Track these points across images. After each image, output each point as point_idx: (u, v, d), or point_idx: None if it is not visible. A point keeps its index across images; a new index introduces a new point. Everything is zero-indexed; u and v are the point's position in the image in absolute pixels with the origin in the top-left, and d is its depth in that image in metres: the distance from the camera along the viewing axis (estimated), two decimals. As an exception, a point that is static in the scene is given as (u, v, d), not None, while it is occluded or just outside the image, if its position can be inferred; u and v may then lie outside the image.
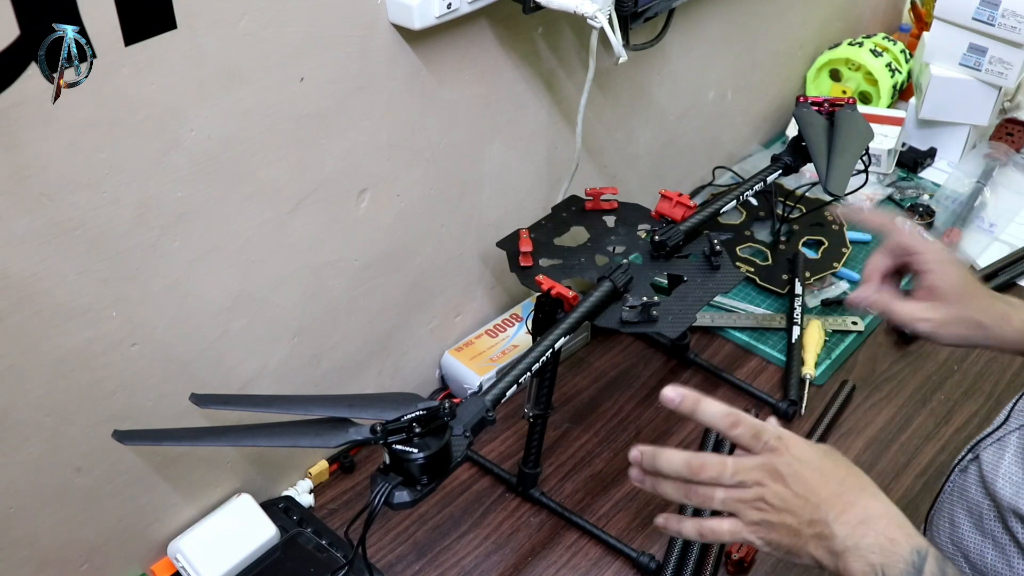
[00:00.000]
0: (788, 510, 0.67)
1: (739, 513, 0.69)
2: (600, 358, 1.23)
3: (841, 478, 0.68)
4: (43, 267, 0.72)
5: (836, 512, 0.66)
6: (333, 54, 0.85)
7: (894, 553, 0.64)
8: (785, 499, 0.67)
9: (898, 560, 0.64)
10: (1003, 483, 0.75)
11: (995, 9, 1.39)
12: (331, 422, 0.73)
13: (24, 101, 0.65)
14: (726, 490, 0.69)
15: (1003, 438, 0.79)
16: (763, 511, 0.68)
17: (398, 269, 1.05)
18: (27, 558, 0.82)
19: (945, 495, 0.85)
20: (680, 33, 1.27)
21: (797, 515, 0.67)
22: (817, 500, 0.67)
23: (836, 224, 1.40)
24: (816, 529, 0.66)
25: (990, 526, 0.77)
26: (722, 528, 0.70)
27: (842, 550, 0.65)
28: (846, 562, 0.65)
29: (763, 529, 0.68)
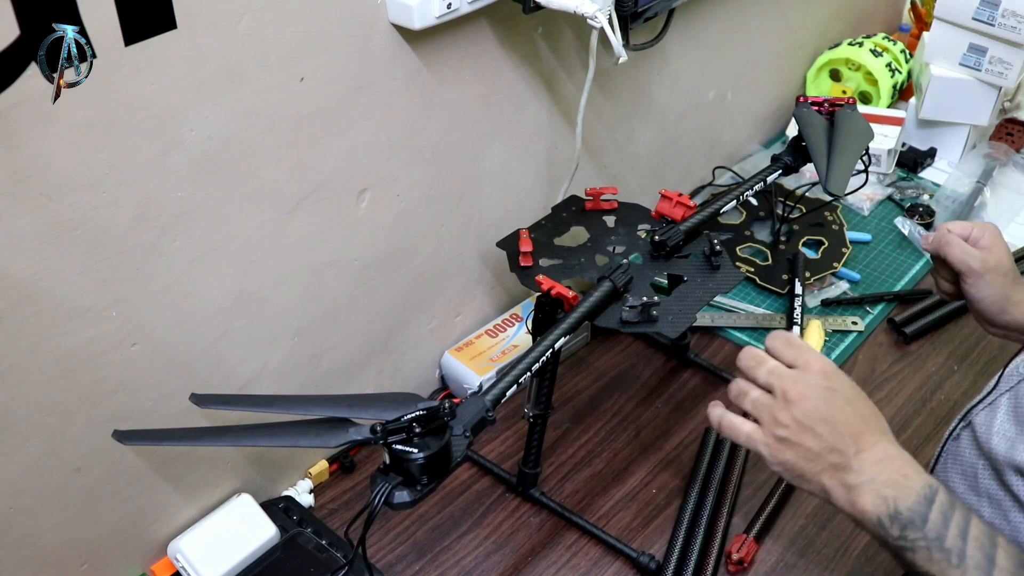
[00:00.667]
0: (812, 432, 0.68)
1: (764, 422, 0.70)
2: (600, 358, 1.23)
3: (867, 417, 0.70)
4: (43, 267, 0.72)
5: (857, 448, 0.68)
6: (333, 54, 0.85)
7: (906, 487, 0.66)
8: (812, 420, 0.68)
9: (910, 492, 0.66)
10: (997, 440, 0.76)
11: (995, 9, 1.39)
12: (331, 422, 0.73)
13: (24, 101, 0.65)
14: (760, 392, 0.71)
15: (994, 402, 0.81)
16: (786, 427, 0.69)
17: (398, 269, 1.05)
18: (27, 558, 0.82)
19: (939, 465, 0.86)
20: (680, 33, 1.27)
21: (820, 439, 0.68)
22: (843, 431, 0.68)
23: (836, 224, 1.40)
24: (835, 459, 0.68)
25: (985, 484, 0.78)
26: (741, 428, 0.72)
27: (857, 484, 0.67)
28: (858, 495, 0.67)
29: (781, 446, 0.69)
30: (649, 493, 1.06)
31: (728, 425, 0.73)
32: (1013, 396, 0.79)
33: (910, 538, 0.65)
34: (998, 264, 0.90)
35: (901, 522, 0.65)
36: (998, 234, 0.92)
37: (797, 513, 1.02)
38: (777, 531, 1.01)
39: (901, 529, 0.65)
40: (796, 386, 0.69)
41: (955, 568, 0.63)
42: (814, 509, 1.03)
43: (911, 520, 0.65)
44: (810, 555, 0.98)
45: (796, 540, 1.00)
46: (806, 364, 0.71)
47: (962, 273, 0.91)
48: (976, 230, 0.92)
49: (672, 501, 1.04)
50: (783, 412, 0.69)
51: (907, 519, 0.65)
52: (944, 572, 0.64)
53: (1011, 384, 0.80)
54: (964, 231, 0.93)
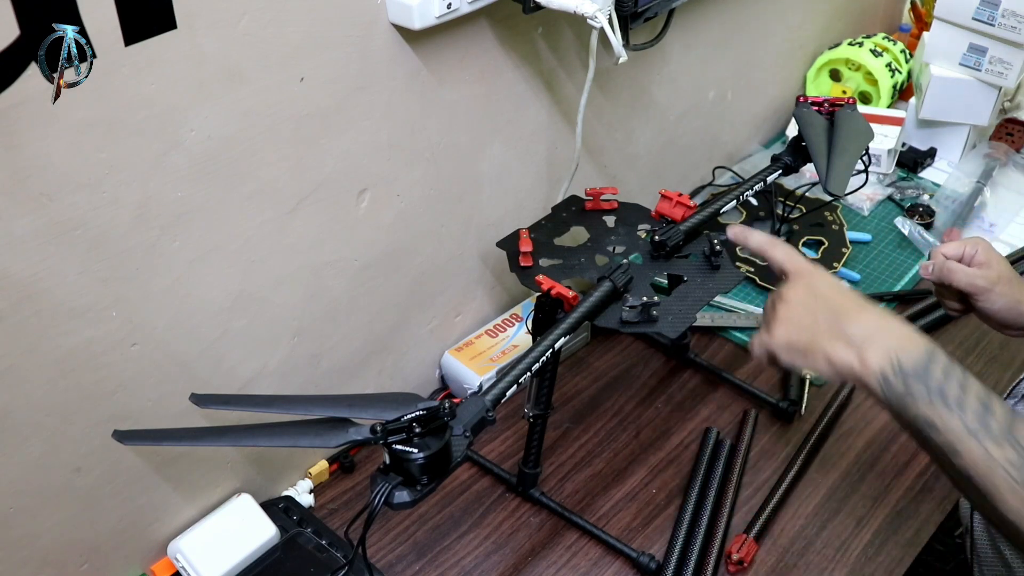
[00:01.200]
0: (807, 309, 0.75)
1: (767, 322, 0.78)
2: (600, 358, 1.23)
3: (857, 297, 0.75)
4: (43, 267, 0.72)
5: (852, 315, 0.72)
6: (333, 54, 0.85)
7: (910, 343, 0.69)
8: (804, 299, 0.75)
9: (913, 348, 0.69)
10: None
11: (995, 9, 1.39)
12: (331, 422, 0.73)
13: (24, 101, 0.65)
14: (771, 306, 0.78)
15: None
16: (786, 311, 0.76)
17: (398, 269, 1.05)
18: (27, 558, 0.82)
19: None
20: (680, 33, 1.27)
21: (814, 313, 0.74)
22: (836, 304, 0.74)
23: (836, 224, 1.40)
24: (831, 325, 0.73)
25: None
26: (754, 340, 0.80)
27: (861, 340, 0.70)
28: (863, 350, 0.70)
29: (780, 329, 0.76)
30: (649, 493, 1.06)
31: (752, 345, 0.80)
32: None
33: (913, 389, 0.67)
34: (1000, 276, 0.94)
35: (904, 374, 0.68)
36: (989, 246, 0.96)
37: (797, 513, 1.02)
38: (777, 531, 1.01)
39: (904, 381, 0.68)
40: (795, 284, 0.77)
41: (953, 412, 0.66)
42: (814, 509, 1.03)
43: (915, 372, 0.68)
44: (810, 555, 0.98)
45: (796, 540, 1.00)
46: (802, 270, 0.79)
47: (971, 294, 0.94)
48: (968, 248, 0.96)
49: (672, 501, 1.04)
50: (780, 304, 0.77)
51: (911, 371, 0.68)
52: (943, 417, 0.66)
53: None
54: (957, 252, 0.97)
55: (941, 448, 0.66)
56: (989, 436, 0.64)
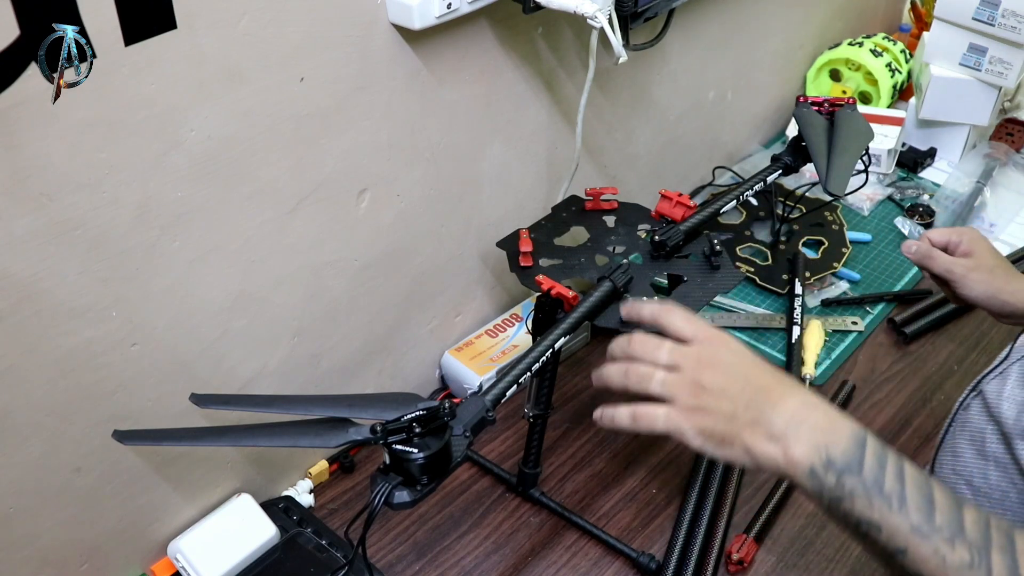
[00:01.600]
0: (725, 394, 0.67)
1: (675, 399, 0.69)
2: (600, 358, 1.21)
3: (776, 374, 0.69)
4: (43, 267, 0.72)
5: (773, 400, 0.66)
6: (333, 54, 0.85)
7: (836, 431, 0.64)
8: (723, 384, 0.67)
9: (841, 437, 0.64)
10: (1007, 406, 0.78)
11: (995, 9, 1.39)
12: (331, 422, 0.73)
13: (24, 101, 0.65)
14: (665, 372, 0.70)
15: (1005, 370, 0.82)
16: (698, 396, 0.68)
17: (398, 269, 1.05)
18: (27, 558, 0.82)
19: (948, 434, 0.87)
20: (680, 33, 1.27)
21: (733, 399, 0.67)
22: (756, 386, 0.67)
23: (836, 224, 1.40)
24: (752, 414, 0.66)
25: (992, 449, 0.79)
26: (657, 413, 0.69)
27: (781, 433, 0.65)
28: (787, 444, 0.64)
29: (698, 415, 0.67)
30: (649, 493, 1.06)
31: (644, 414, 0.70)
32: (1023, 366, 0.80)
33: (847, 486, 0.62)
34: (979, 264, 0.95)
35: (836, 469, 0.63)
36: (977, 236, 0.97)
37: (797, 513, 1.02)
38: (777, 531, 1.01)
39: (837, 476, 0.63)
40: (701, 356, 0.69)
41: (895, 512, 0.61)
42: (814, 509, 1.03)
43: (847, 465, 0.63)
44: (810, 555, 0.98)
45: (796, 540, 1.00)
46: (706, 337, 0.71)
47: (948, 281, 0.97)
48: (955, 236, 0.98)
49: (672, 501, 1.04)
50: (693, 383, 0.68)
51: (842, 465, 0.63)
52: (885, 518, 0.61)
53: (1022, 354, 0.82)
54: (943, 239, 0.99)
55: (884, 547, 0.61)
56: (938, 535, 0.60)
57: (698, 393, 0.68)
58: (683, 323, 0.72)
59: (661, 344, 0.71)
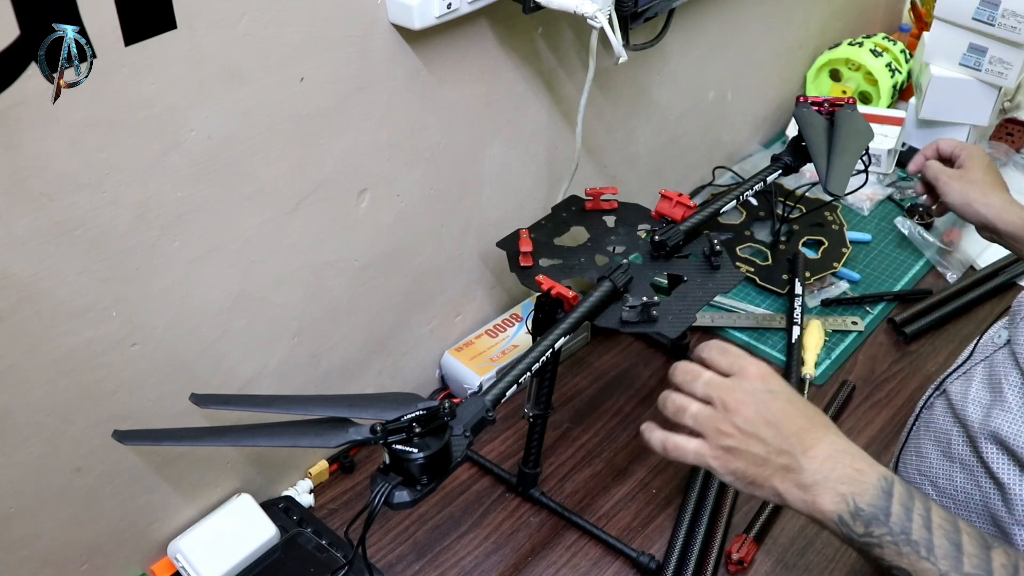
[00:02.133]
0: (757, 437, 0.67)
1: (708, 435, 0.69)
2: (600, 358, 1.23)
3: (810, 415, 0.69)
4: (43, 267, 0.72)
5: (805, 446, 0.67)
6: (333, 54, 0.85)
7: (862, 482, 0.65)
8: (755, 425, 0.67)
9: (867, 487, 0.65)
10: (973, 408, 0.77)
11: (995, 9, 1.39)
12: (331, 422, 0.73)
13: (24, 101, 0.65)
14: (699, 405, 0.70)
15: (969, 371, 0.82)
16: (731, 436, 0.68)
17: (398, 269, 1.05)
18: (27, 558, 0.82)
19: (912, 433, 0.87)
20: (680, 33, 1.27)
21: (766, 443, 0.67)
22: (788, 432, 0.67)
23: (836, 224, 1.40)
24: (784, 460, 0.67)
25: (958, 450, 0.79)
26: (687, 447, 0.70)
27: (811, 483, 0.66)
28: (815, 495, 0.65)
29: (728, 456, 0.68)
30: (649, 493, 1.06)
31: (674, 446, 0.71)
32: (988, 365, 0.80)
33: (876, 534, 0.64)
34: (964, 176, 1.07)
35: (864, 518, 0.64)
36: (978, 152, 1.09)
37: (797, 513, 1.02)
38: (777, 531, 1.01)
39: (865, 526, 0.64)
40: (734, 393, 0.69)
41: (924, 560, 0.62)
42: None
43: (874, 516, 0.64)
44: (810, 555, 0.98)
45: (796, 540, 1.00)
46: (742, 371, 0.71)
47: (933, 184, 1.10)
48: (958, 149, 1.11)
49: (672, 501, 1.04)
50: (725, 422, 0.68)
51: (869, 515, 0.64)
52: (914, 565, 0.63)
53: (986, 354, 0.82)
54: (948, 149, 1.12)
55: None
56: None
57: (730, 433, 0.68)
58: (720, 356, 0.72)
59: (699, 376, 0.71)
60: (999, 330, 0.83)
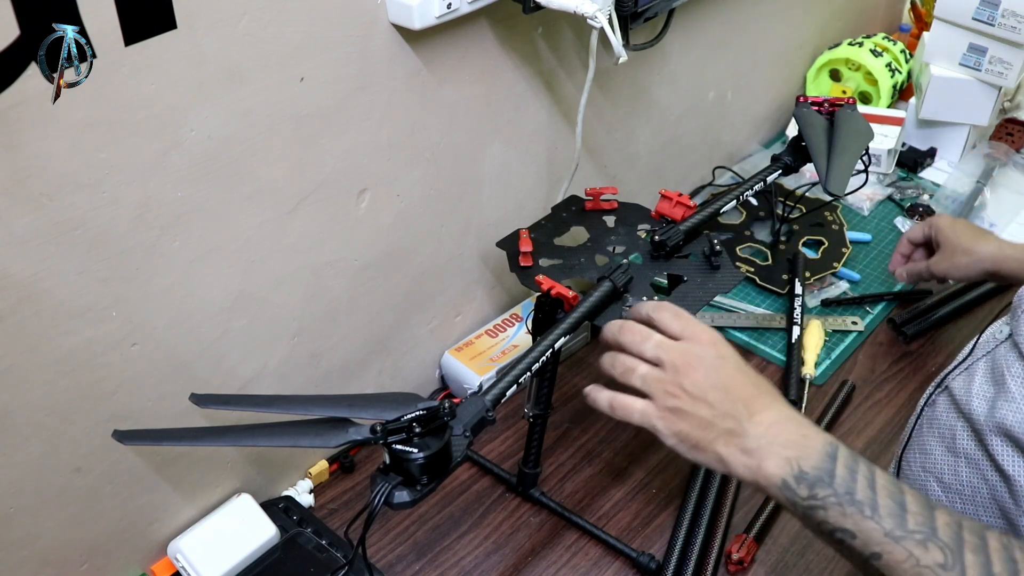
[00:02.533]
0: (704, 400, 0.68)
1: (655, 396, 0.70)
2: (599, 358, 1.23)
3: (758, 383, 0.70)
4: (43, 267, 0.72)
5: (751, 412, 0.67)
6: (333, 54, 0.85)
7: (807, 446, 0.65)
8: (703, 389, 0.68)
9: (812, 451, 0.65)
10: (977, 402, 0.77)
11: (995, 9, 1.39)
12: (331, 422, 0.73)
13: (24, 101, 0.65)
14: (648, 367, 0.70)
15: (971, 366, 0.82)
16: (678, 397, 0.68)
17: (398, 269, 1.05)
18: (27, 558, 0.82)
19: (915, 432, 0.87)
20: (680, 33, 1.27)
21: (713, 407, 0.67)
22: (735, 397, 0.68)
23: (836, 224, 1.40)
24: (729, 424, 0.67)
25: (963, 445, 0.79)
26: (634, 407, 0.71)
27: (755, 448, 0.66)
28: (760, 459, 0.66)
29: (673, 417, 0.69)
30: (649, 493, 1.06)
31: (620, 406, 0.71)
32: (990, 360, 0.80)
33: (820, 496, 0.64)
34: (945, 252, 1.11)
35: (808, 481, 0.64)
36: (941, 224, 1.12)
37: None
38: (777, 531, 1.01)
39: (809, 488, 0.64)
40: (685, 356, 0.70)
41: (868, 519, 0.62)
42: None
43: (818, 478, 0.64)
44: (810, 555, 0.98)
45: (796, 540, 1.00)
46: (694, 335, 0.71)
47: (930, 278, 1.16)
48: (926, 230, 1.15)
49: (672, 501, 1.04)
50: (673, 384, 0.69)
51: (814, 477, 0.64)
52: (858, 525, 0.62)
53: (987, 349, 0.82)
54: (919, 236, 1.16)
55: (859, 553, 0.63)
56: (911, 538, 0.61)
57: (677, 395, 0.69)
58: (672, 319, 0.73)
59: (648, 337, 0.72)
60: (1000, 326, 0.83)
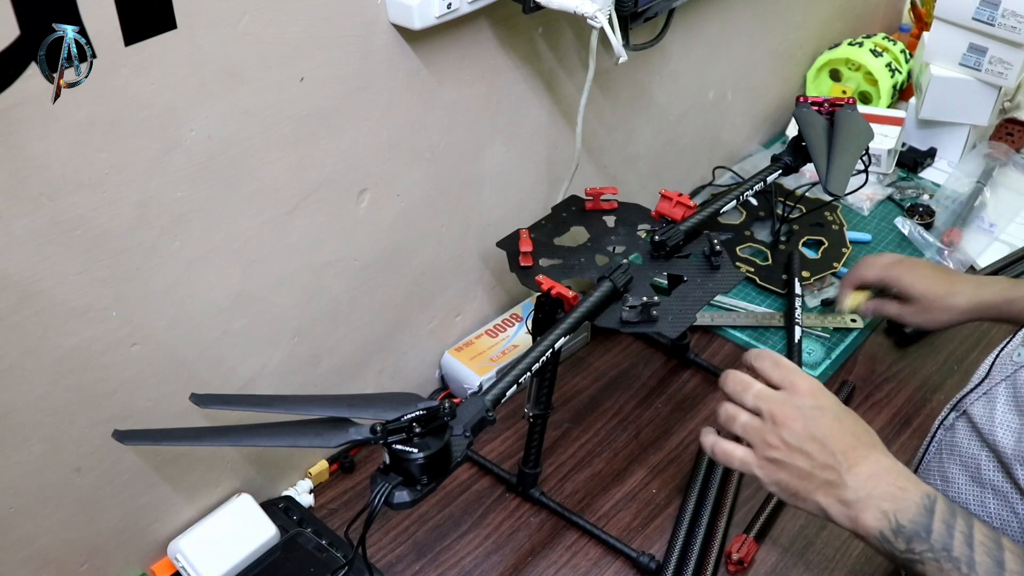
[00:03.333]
0: (802, 451, 0.69)
1: (755, 445, 0.71)
2: (600, 358, 1.23)
3: (857, 433, 0.70)
4: (43, 267, 0.72)
5: (849, 463, 0.68)
6: (333, 54, 0.85)
7: (904, 499, 0.66)
8: (801, 440, 0.69)
9: (909, 505, 0.66)
10: (1002, 432, 0.76)
11: (995, 9, 1.39)
12: (331, 422, 0.73)
13: (24, 101, 0.65)
14: (748, 416, 0.72)
15: (990, 391, 0.81)
16: (776, 448, 0.70)
17: (398, 269, 1.05)
18: (27, 558, 0.82)
19: (932, 455, 0.86)
20: (680, 33, 1.27)
21: (811, 458, 0.69)
22: (833, 448, 0.69)
23: (836, 224, 1.40)
24: (828, 476, 0.68)
25: (989, 476, 0.78)
26: (734, 454, 0.73)
27: (854, 500, 0.67)
28: (858, 511, 0.67)
29: (773, 467, 0.70)
30: (649, 493, 1.06)
31: (721, 451, 0.74)
32: (1012, 386, 0.78)
33: (917, 551, 0.65)
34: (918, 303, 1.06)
35: (905, 535, 0.65)
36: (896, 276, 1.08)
37: (797, 513, 1.02)
38: (777, 531, 1.01)
39: (907, 542, 0.65)
40: (783, 408, 0.71)
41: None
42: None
43: (915, 532, 0.65)
44: (810, 555, 0.98)
45: (796, 540, 1.00)
46: (793, 385, 0.72)
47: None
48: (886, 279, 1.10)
49: (672, 501, 1.04)
50: (772, 434, 0.70)
51: (911, 531, 0.65)
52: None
53: (1006, 373, 0.80)
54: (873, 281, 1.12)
55: None
56: None
57: (776, 446, 0.70)
58: (772, 368, 0.74)
59: (749, 386, 0.74)
60: (1016, 348, 0.81)
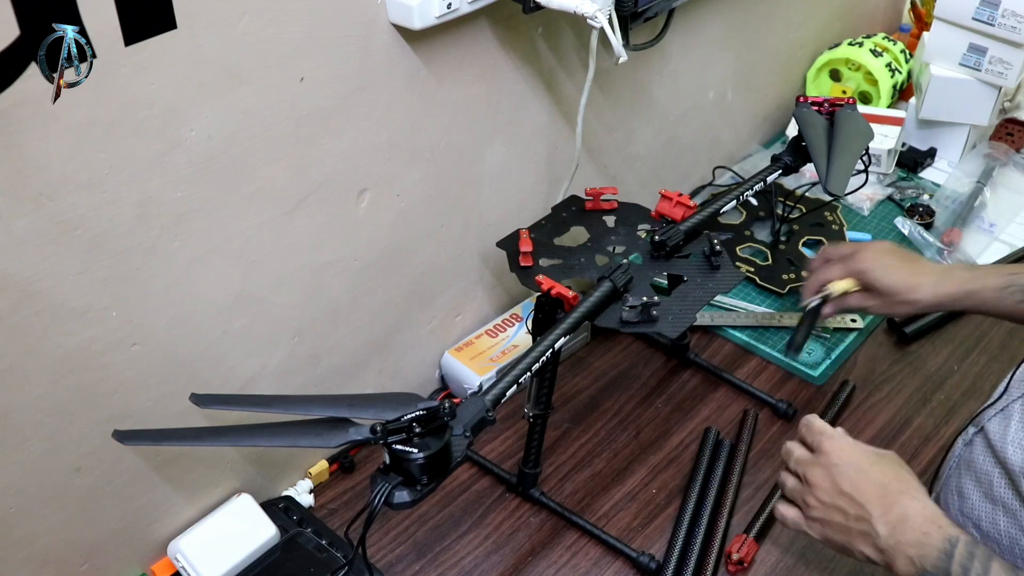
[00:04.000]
0: (836, 507, 0.75)
1: (801, 507, 0.79)
2: (600, 358, 1.23)
3: (885, 481, 0.74)
4: (43, 267, 0.72)
5: (879, 512, 0.73)
6: (333, 54, 0.85)
7: (928, 545, 0.70)
8: (832, 497, 0.75)
9: (932, 550, 0.70)
10: (1013, 449, 0.79)
11: (995, 9, 1.39)
12: (331, 422, 0.73)
13: (24, 101, 0.65)
14: (793, 480, 0.80)
15: (1006, 408, 0.83)
16: (815, 508, 0.77)
17: (398, 269, 1.05)
18: (27, 558, 0.82)
19: (951, 469, 0.88)
20: (680, 33, 1.27)
21: (845, 513, 0.74)
22: (861, 500, 0.74)
23: (836, 224, 1.40)
24: (862, 527, 0.73)
25: (1000, 493, 0.80)
26: (787, 515, 0.80)
27: (886, 548, 0.72)
28: (891, 558, 0.72)
29: (818, 525, 0.77)
30: (649, 493, 1.06)
31: (778, 514, 0.81)
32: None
33: None
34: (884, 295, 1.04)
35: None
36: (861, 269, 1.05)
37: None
38: (777, 531, 1.01)
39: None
40: (814, 469, 0.77)
41: None
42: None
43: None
44: (810, 555, 0.98)
45: (796, 540, 1.00)
46: (819, 447, 0.78)
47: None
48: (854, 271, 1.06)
49: (672, 501, 1.04)
50: (809, 495, 0.77)
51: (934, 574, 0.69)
52: None
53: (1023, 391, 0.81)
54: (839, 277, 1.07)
55: None
56: None
57: (814, 506, 0.77)
58: (806, 434, 0.80)
59: (790, 454, 0.81)
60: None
